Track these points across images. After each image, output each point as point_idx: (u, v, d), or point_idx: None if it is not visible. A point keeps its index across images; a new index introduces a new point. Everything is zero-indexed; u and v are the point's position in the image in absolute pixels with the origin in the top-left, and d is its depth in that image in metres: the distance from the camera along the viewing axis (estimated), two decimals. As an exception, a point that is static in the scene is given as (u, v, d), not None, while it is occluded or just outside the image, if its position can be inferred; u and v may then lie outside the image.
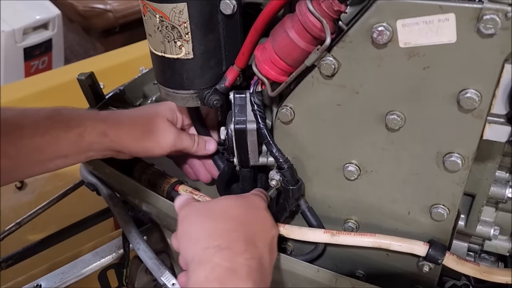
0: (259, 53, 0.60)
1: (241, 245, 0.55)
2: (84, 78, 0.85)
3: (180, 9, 0.59)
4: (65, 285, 0.95)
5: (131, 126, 0.73)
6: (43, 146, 0.68)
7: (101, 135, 0.70)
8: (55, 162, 0.71)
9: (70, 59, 2.77)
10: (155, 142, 0.72)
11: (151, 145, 0.73)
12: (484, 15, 0.45)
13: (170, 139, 0.73)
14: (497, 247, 0.69)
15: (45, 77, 1.86)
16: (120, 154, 0.74)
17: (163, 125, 0.73)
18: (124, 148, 0.72)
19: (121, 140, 0.71)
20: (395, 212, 0.61)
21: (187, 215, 0.61)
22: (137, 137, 0.72)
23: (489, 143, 0.53)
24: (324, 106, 0.58)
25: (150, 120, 0.73)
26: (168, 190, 0.74)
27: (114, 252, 1.00)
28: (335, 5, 0.51)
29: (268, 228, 0.61)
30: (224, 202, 0.62)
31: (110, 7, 2.63)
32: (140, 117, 0.74)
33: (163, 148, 0.73)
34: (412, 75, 0.52)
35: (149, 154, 0.74)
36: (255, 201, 0.63)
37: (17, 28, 2.36)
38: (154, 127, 0.73)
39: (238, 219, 0.59)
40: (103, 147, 0.72)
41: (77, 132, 0.69)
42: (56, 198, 1.07)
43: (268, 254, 0.58)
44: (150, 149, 0.73)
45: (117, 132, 0.71)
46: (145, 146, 0.72)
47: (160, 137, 0.72)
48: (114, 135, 0.71)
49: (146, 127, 0.73)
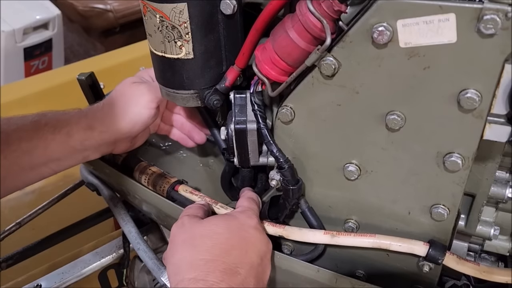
0: (259, 53, 0.60)
1: (218, 275, 0.54)
2: (84, 78, 0.85)
3: (180, 9, 0.59)
4: (65, 285, 0.95)
5: (110, 107, 0.73)
6: (32, 150, 0.68)
7: (88, 129, 0.70)
8: (49, 166, 0.71)
9: (70, 59, 2.77)
10: (139, 106, 0.72)
11: (137, 111, 0.72)
12: (484, 15, 0.45)
13: (150, 96, 0.72)
14: (497, 247, 0.69)
15: (45, 77, 1.86)
16: (116, 144, 0.74)
17: (138, 89, 0.73)
18: (114, 132, 0.72)
19: (108, 126, 0.71)
20: (395, 212, 0.61)
21: (174, 236, 0.61)
22: (121, 112, 0.72)
23: (489, 143, 0.53)
24: (324, 106, 0.58)
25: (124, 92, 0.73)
26: (168, 190, 0.74)
27: (114, 252, 1.00)
28: (335, 5, 0.51)
29: (257, 250, 0.59)
30: (209, 227, 0.60)
31: (110, 7, 2.62)
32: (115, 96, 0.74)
33: (149, 107, 0.72)
34: (412, 75, 0.52)
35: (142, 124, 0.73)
36: (243, 220, 0.61)
37: (17, 28, 2.36)
38: (131, 94, 0.73)
39: (220, 246, 0.57)
40: (95, 142, 0.71)
41: (64, 132, 0.69)
42: (56, 198, 1.07)
43: (253, 279, 0.56)
44: (139, 116, 0.72)
45: (101, 121, 0.71)
46: (131, 118, 0.72)
47: (141, 99, 0.72)
48: (99, 124, 0.71)
49: (124, 99, 0.73)
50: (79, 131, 0.70)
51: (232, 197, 0.80)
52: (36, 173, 0.71)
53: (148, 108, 0.73)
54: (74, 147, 0.71)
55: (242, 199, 0.67)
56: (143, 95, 0.73)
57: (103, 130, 0.71)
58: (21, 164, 0.69)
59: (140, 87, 0.74)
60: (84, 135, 0.70)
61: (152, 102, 0.73)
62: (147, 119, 0.73)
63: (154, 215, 0.80)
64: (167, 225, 0.79)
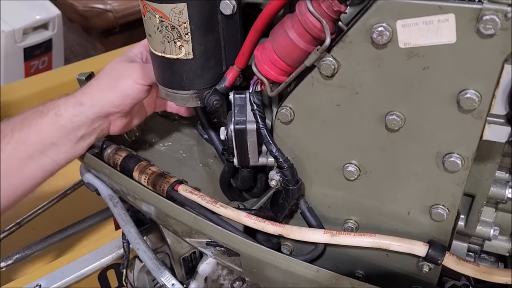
0: (259, 53, 0.60)
1: None
2: (84, 78, 0.85)
3: (180, 9, 0.59)
4: (65, 285, 0.95)
5: (100, 81, 0.74)
6: (25, 138, 0.69)
7: (77, 105, 0.71)
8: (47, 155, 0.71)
9: (70, 59, 2.77)
10: (129, 79, 0.73)
11: (129, 83, 0.72)
12: (484, 15, 0.45)
13: (142, 73, 0.73)
14: (497, 248, 0.69)
15: (45, 77, 1.86)
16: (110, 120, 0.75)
17: (130, 65, 0.74)
18: (105, 105, 0.72)
19: (98, 99, 0.72)
20: (395, 212, 0.61)
21: None
22: (112, 84, 0.73)
23: (489, 143, 0.53)
24: (324, 106, 0.58)
25: (114, 67, 0.74)
26: (167, 190, 0.74)
27: (114, 252, 1.00)
28: (335, 6, 0.51)
29: None
30: None
31: (110, 7, 2.62)
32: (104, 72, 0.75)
33: (141, 83, 0.73)
34: (411, 76, 0.52)
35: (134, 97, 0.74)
36: None
37: (17, 28, 2.36)
38: (123, 69, 0.74)
39: None
40: (86, 117, 0.71)
41: (53, 113, 0.70)
42: (56, 198, 1.07)
43: None
44: (130, 89, 0.73)
45: (90, 95, 0.72)
46: (122, 89, 0.72)
47: (129, 73, 0.73)
48: (88, 99, 0.71)
49: (115, 72, 0.74)
50: (67, 109, 0.70)
51: (231, 197, 0.80)
52: (37, 164, 0.71)
53: (140, 84, 0.73)
54: (65, 126, 0.70)
55: None
56: (135, 71, 0.73)
57: (93, 104, 0.71)
58: (18, 156, 0.69)
59: (132, 64, 0.75)
60: (74, 111, 0.71)
61: (144, 80, 0.73)
62: (139, 93, 0.73)
63: (154, 215, 0.80)
64: (167, 225, 0.79)
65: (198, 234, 0.74)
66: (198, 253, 0.96)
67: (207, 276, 0.86)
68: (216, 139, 0.78)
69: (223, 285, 0.87)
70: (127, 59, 0.77)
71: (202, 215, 0.70)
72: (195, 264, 0.96)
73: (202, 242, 0.75)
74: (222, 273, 0.87)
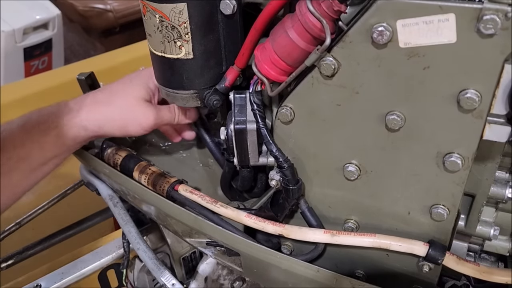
0: (259, 53, 0.60)
1: None
2: (84, 78, 0.85)
3: (180, 9, 0.59)
4: (65, 285, 0.95)
5: (110, 108, 0.74)
6: (28, 155, 0.69)
7: (81, 129, 0.72)
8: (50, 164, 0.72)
9: (70, 59, 2.77)
10: (137, 126, 0.74)
11: (134, 129, 0.75)
12: (484, 15, 0.45)
13: (151, 119, 0.74)
14: (497, 247, 0.69)
15: (45, 77, 1.86)
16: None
17: (141, 108, 0.74)
18: (107, 134, 0.75)
19: (104, 129, 0.73)
20: (395, 212, 0.61)
21: None
22: (119, 127, 0.74)
23: (489, 143, 0.53)
24: (324, 106, 0.58)
25: (128, 108, 0.74)
26: (168, 190, 0.74)
27: (114, 252, 1.00)
28: (335, 5, 0.51)
29: None
30: None
31: (110, 7, 2.62)
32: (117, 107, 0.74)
33: (145, 129, 0.75)
34: (412, 75, 0.52)
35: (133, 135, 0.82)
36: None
37: (17, 28, 2.36)
38: (133, 113, 0.74)
39: None
40: (89, 138, 0.75)
41: (55, 133, 0.70)
42: (56, 198, 1.07)
43: None
44: (134, 133, 0.76)
45: (96, 122, 0.73)
46: (128, 132, 0.76)
47: (141, 120, 0.74)
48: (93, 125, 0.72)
49: (125, 115, 0.74)
50: (70, 130, 0.71)
51: (232, 198, 0.80)
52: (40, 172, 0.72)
53: (148, 131, 0.76)
54: (68, 145, 0.72)
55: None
56: (148, 118, 0.74)
57: (97, 131, 0.73)
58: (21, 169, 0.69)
59: (149, 110, 0.74)
60: (77, 133, 0.72)
61: (153, 127, 0.76)
62: (141, 133, 0.76)
63: (154, 215, 0.80)
64: (167, 225, 0.79)
65: (198, 234, 0.74)
66: (198, 253, 0.96)
67: (207, 276, 0.86)
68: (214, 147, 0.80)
69: (223, 285, 0.87)
70: (146, 94, 0.75)
71: (202, 215, 0.70)
72: (195, 264, 0.96)
73: (202, 242, 0.75)
74: (222, 273, 0.87)
